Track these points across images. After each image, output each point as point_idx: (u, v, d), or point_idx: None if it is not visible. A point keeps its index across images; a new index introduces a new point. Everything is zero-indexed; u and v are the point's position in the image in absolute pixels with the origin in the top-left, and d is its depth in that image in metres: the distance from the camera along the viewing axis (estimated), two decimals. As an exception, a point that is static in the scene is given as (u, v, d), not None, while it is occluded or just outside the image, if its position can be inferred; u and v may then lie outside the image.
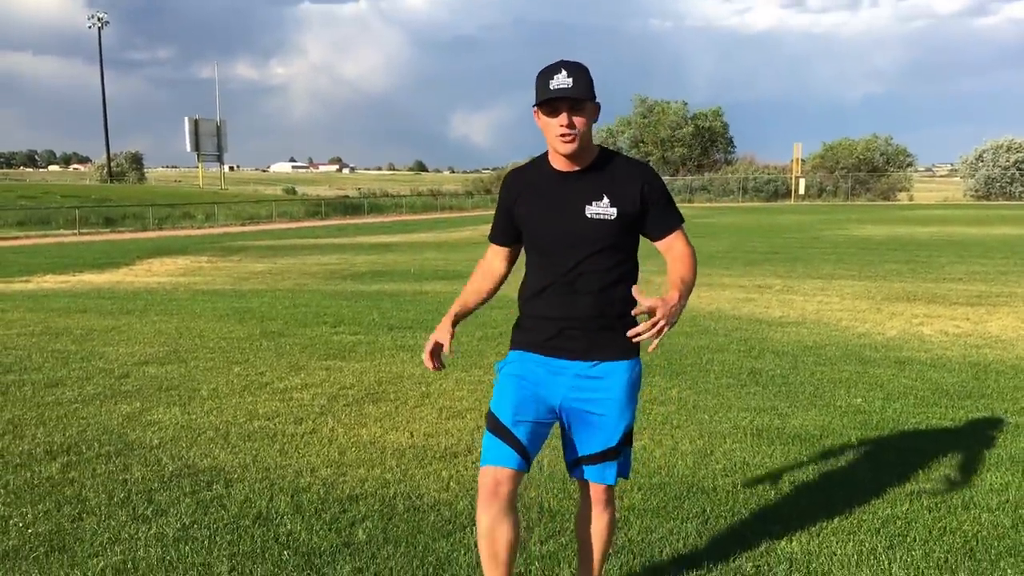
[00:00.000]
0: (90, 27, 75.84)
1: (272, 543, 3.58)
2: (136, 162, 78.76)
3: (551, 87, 2.50)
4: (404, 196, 59.65)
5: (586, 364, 2.70)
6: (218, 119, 67.40)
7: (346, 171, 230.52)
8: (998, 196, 60.71)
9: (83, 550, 3.53)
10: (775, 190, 67.20)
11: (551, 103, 2.52)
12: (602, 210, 2.61)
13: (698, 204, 61.11)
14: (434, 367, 2.87)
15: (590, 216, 2.61)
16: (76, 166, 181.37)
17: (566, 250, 2.65)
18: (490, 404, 2.76)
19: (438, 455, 4.74)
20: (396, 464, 4.59)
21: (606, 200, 2.62)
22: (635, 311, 2.49)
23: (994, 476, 4.30)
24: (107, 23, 77.45)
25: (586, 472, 2.80)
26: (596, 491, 2.84)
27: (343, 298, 11.58)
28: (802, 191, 63.68)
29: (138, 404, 5.90)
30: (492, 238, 2.94)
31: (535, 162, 2.77)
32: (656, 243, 2.75)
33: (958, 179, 71.14)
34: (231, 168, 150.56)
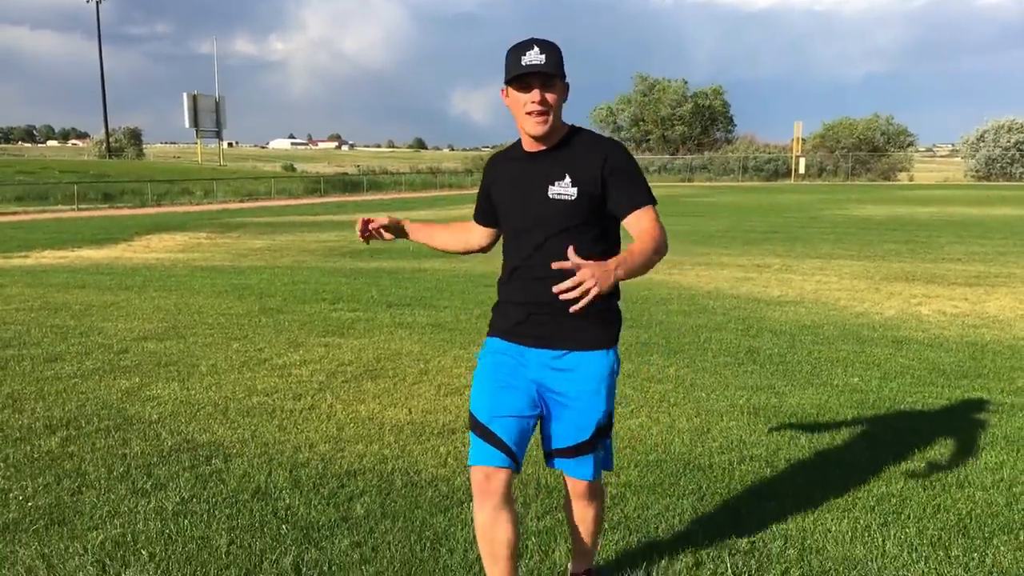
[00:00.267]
0: (88, 1, 75.29)
1: (271, 517, 3.61)
2: (134, 138, 78.41)
3: (523, 63, 2.46)
4: (403, 174, 59.48)
5: (554, 353, 2.62)
6: (217, 95, 67.04)
7: (345, 148, 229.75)
8: (999, 177, 60.56)
9: (83, 523, 3.56)
10: (775, 169, 67.03)
11: (523, 79, 2.48)
12: (563, 190, 2.54)
13: (698, 183, 60.97)
14: (361, 232, 2.94)
15: (552, 196, 2.55)
16: (74, 141, 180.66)
17: (531, 232, 2.60)
18: (469, 401, 2.70)
19: (436, 431, 4.76)
20: (394, 440, 4.62)
21: (567, 179, 2.54)
22: (556, 264, 2.31)
23: (989, 455, 4.32)
24: (105, -3, 76.87)
25: (562, 465, 2.73)
26: (575, 487, 2.77)
27: (342, 275, 11.58)
28: (802, 171, 63.52)
29: (137, 379, 5.91)
30: (474, 217, 2.97)
31: (514, 145, 2.74)
32: (623, 222, 2.59)
33: (959, 159, 70.95)
34: (230, 144, 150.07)
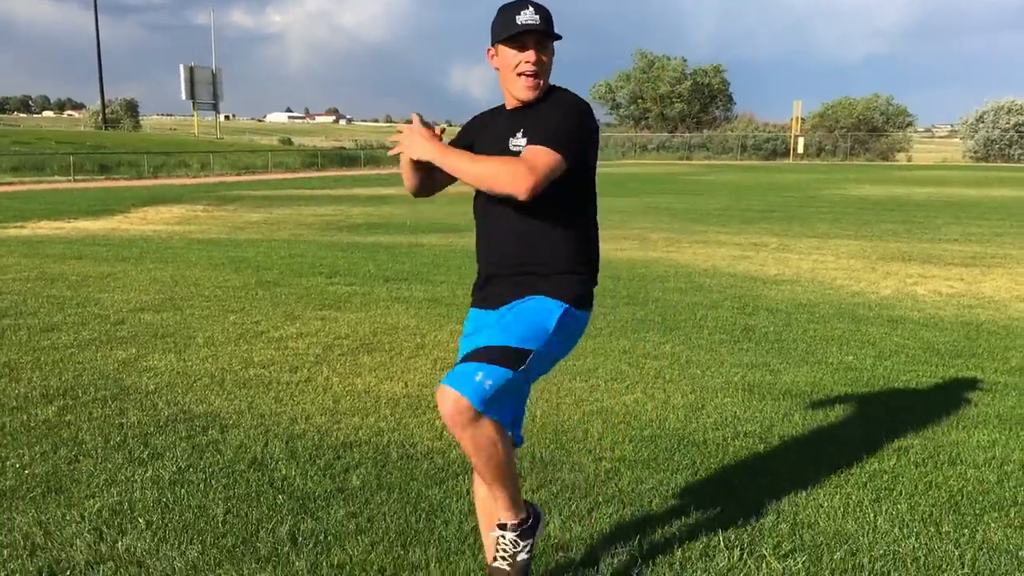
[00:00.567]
0: (83, -30, 74.42)
1: (267, 487, 3.62)
2: (131, 109, 77.88)
3: (519, 22, 2.43)
4: (401, 148, 59.13)
5: (505, 307, 2.50)
6: (214, 67, 66.52)
7: (343, 122, 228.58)
8: (997, 158, 60.50)
9: (79, 491, 3.57)
10: (774, 148, 66.92)
11: (518, 38, 2.45)
12: (519, 145, 2.45)
13: (696, 161, 60.82)
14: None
15: (511, 150, 2.47)
16: (71, 112, 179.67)
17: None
18: None
19: (432, 405, 4.77)
20: (390, 413, 4.63)
21: (520, 134, 2.47)
22: (413, 114, 2.51)
23: (981, 433, 4.35)
24: (101, -34, 76.10)
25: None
26: (439, 393, 2.31)
27: (339, 249, 11.57)
28: (801, 150, 63.40)
29: (134, 350, 5.92)
30: None
31: (499, 106, 2.68)
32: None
33: (957, 140, 70.85)
34: (227, 117, 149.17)
